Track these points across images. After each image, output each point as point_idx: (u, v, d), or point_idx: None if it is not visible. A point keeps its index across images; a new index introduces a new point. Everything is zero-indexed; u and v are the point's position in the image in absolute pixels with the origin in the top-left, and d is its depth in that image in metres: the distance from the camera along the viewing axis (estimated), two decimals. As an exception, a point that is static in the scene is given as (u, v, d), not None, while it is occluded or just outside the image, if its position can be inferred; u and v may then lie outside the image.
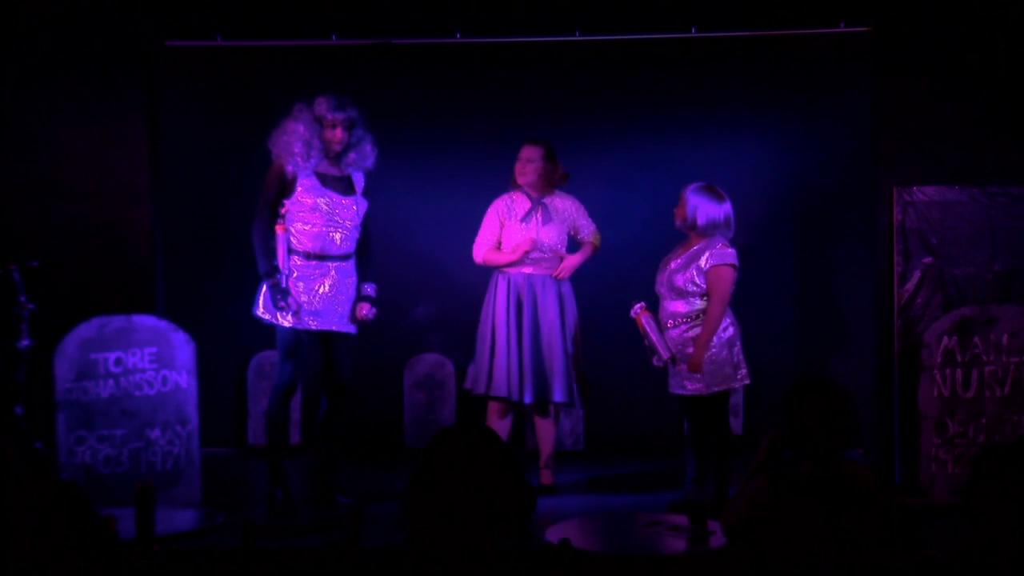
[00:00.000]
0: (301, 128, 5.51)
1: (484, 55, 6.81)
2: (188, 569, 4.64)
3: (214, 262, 6.95)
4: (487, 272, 6.09)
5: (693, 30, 6.49)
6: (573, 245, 6.11)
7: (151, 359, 5.76)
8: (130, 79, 6.30)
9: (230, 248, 6.47)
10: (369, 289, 5.75)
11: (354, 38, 6.61)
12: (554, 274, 5.95)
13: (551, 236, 5.96)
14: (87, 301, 6.00)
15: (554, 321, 5.91)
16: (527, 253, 5.90)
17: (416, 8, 6.55)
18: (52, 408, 5.69)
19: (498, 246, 6.00)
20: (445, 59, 6.82)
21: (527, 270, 5.94)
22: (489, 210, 6.03)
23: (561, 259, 5.97)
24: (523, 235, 5.91)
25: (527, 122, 6.90)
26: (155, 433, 5.74)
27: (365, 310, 5.72)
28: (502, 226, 5.98)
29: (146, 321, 5.83)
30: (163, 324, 5.83)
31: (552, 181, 6.00)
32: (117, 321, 5.77)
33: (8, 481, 2.52)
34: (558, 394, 5.89)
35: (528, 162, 5.92)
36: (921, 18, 6.06)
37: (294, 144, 5.49)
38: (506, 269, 5.96)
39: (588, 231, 6.08)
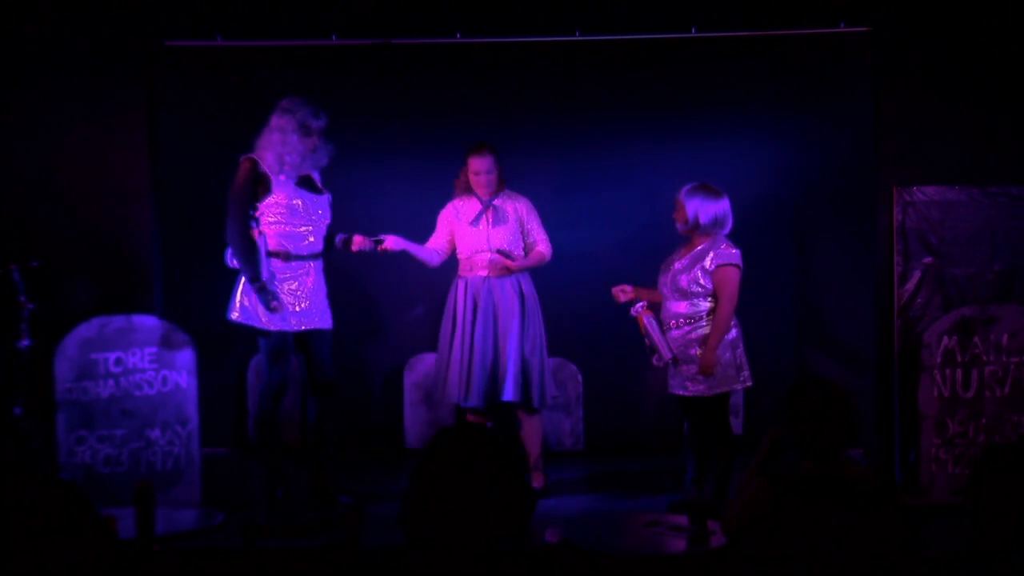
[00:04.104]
0: (294, 139, 5.53)
1: (484, 55, 6.81)
2: (188, 569, 4.64)
3: (214, 262, 6.93)
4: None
5: (693, 30, 6.49)
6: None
7: (151, 359, 5.76)
8: (130, 79, 6.31)
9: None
10: (341, 233, 5.82)
11: (354, 38, 6.61)
12: (506, 265, 5.86)
13: (502, 237, 5.91)
14: (87, 301, 6.00)
15: (512, 322, 5.85)
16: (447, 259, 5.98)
17: (416, 8, 6.55)
18: (52, 408, 5.69)
19: (451, 251, 6.01)
20: (445, 59, 6.82)
21: (482, 273, 5.89)
22: (439, 215, 6.05)
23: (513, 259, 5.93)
24: (474, 239, 5.89)
25: (527, 121, 6.92)
26: (155, 433, 5.74)
27: (359, 240, 5.80)
28: (451, 232, 5.98)
29: (146, 321, 5.83)
30: (163, 324, 5.84)
31: (501, 182, 5.98)
32: (117, 321, 5.77)
33: (8, 481, 2.52)
34: (508, 393, 5.81)
35: (486, 174, 5.88)
36: (921, 18, 6.07)
37: (287, 153, 5.51)
38: (463, 273, 5.94)
39: (543, 243, 5.99)
